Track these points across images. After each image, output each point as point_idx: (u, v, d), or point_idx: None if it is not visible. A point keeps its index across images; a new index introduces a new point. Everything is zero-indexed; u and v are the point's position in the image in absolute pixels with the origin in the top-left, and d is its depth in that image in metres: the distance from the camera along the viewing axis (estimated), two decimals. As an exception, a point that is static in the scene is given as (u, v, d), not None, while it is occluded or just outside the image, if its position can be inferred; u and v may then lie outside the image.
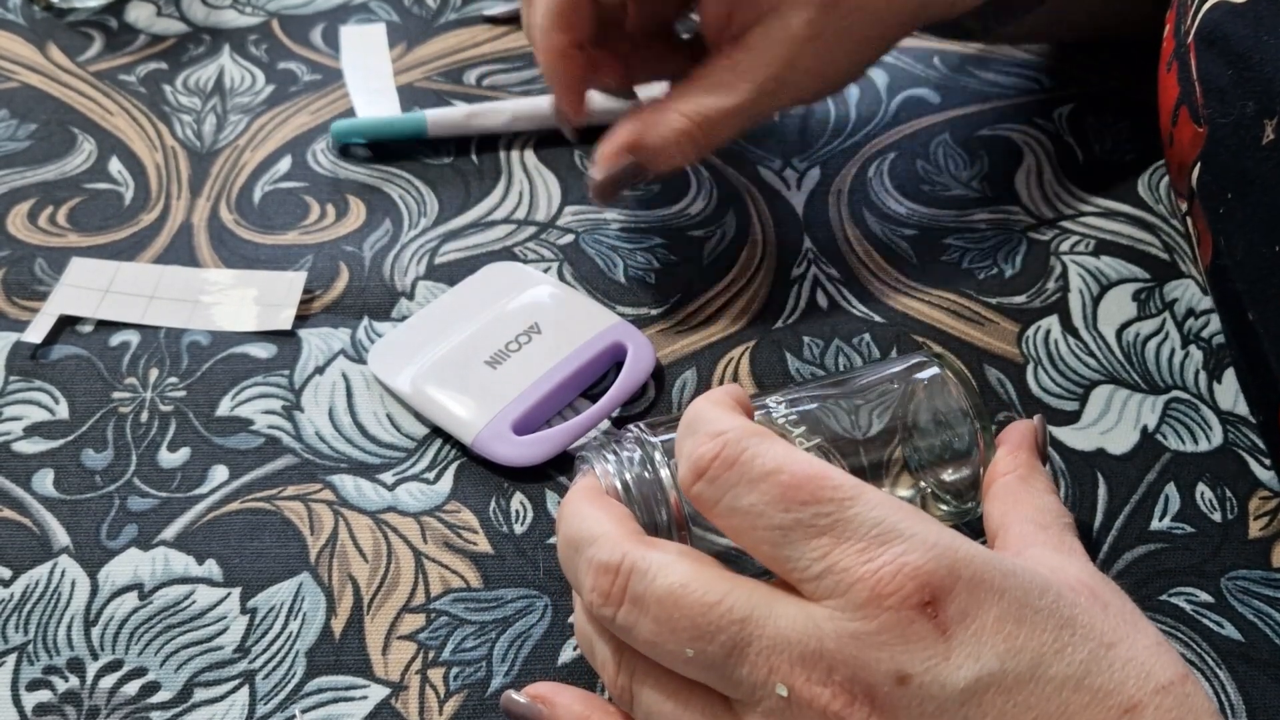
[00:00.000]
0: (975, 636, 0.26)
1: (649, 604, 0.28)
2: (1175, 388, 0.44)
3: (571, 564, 0.31)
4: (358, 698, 0.35)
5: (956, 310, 0.47)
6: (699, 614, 0.28)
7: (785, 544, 0.27)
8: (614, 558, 0.29)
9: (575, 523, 0.31)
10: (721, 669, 0.28)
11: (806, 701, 0.27)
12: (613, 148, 0.44)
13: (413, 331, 0.45)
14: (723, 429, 0.29)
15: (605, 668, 0.31)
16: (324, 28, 0.62)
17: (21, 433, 0.42)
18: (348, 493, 0.41)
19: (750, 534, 0.28)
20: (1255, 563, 0.39)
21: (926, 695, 0.26)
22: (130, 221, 0.51)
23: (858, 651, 0.26)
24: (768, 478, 0.28)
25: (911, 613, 0.26)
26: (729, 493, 0.28)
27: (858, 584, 0.26)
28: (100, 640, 0.36)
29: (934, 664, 0.26)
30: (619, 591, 0.29)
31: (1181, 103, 0.41)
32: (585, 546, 0.30)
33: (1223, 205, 0.38)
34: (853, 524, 0.27)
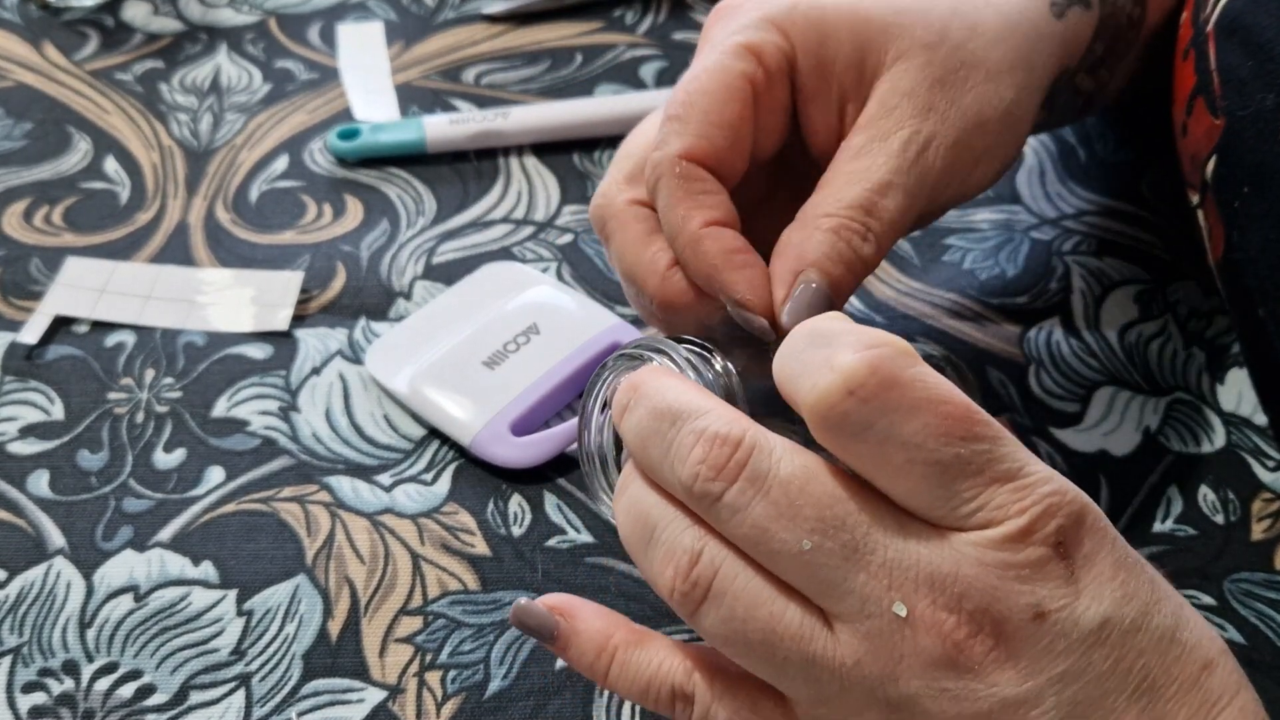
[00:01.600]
0: (1096, 580, 0.26)
1: (771, 484, 0.26)
2: (1177, 389, 0.44)
3: (663, 435, 0.28)
4: (354, 701, 0.35)
5: (958, 311, 0.47)
6: (826, 505, 0.26)
7: (940, 479, 0.25)
8: (735, 430, 0.27)
9: (672, 394, 0.28)
10: (836, 571, 0.26)
11: (927, 626, 0.25)
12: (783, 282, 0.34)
13: (410, 332, 0.45)
14: (875, 341, 0.26)
15: (676, 561, 0.27)
16: (321, 26, 0.62)
17: (16, 433, 0.42)
18: (345, 494, 0.40)
19: (900, 466, 0.26)
20: (1258, 565, 0.39)
21: (1058, 633, 0.25)
22: (126, 221, 0.51)
23: (998, 581, 0.25)
24: (933, 406, 0.25)
25: (1049, 550, 0.25)
26: (886, 417, 0.25)
27: (1010, 520, 0.25)
28: (95, 642, 0.36)
29: (1067, 602, 0.25)
30: (736, 466, 0.26)
31: (1197, 93, 0.40)
32: (691, 417, 0.27)
33: (1238, 199, 0.38)
34: (1004, 462, 0.26)
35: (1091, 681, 0.25)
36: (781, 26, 0.36)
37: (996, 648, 0.25)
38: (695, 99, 0.35)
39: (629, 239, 0.36)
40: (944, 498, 0.26)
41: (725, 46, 0.35)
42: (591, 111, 0.55)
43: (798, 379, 0.26)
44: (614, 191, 0.37)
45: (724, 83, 0.35)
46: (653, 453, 0.28)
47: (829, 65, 0.36)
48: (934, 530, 0.26)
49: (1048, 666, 0.25)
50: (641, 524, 0.29)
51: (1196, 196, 0.41)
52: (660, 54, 0.61)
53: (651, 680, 0.30)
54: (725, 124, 0.35)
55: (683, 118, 0.35)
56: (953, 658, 0.25)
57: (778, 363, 0.28)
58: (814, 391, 0.26)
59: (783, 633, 0.26)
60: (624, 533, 0.29)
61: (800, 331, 0.27)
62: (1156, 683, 0.26)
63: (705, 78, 0.35)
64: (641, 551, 0.29)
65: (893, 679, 0.26)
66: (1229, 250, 0.39)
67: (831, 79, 0.36)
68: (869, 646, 0.26)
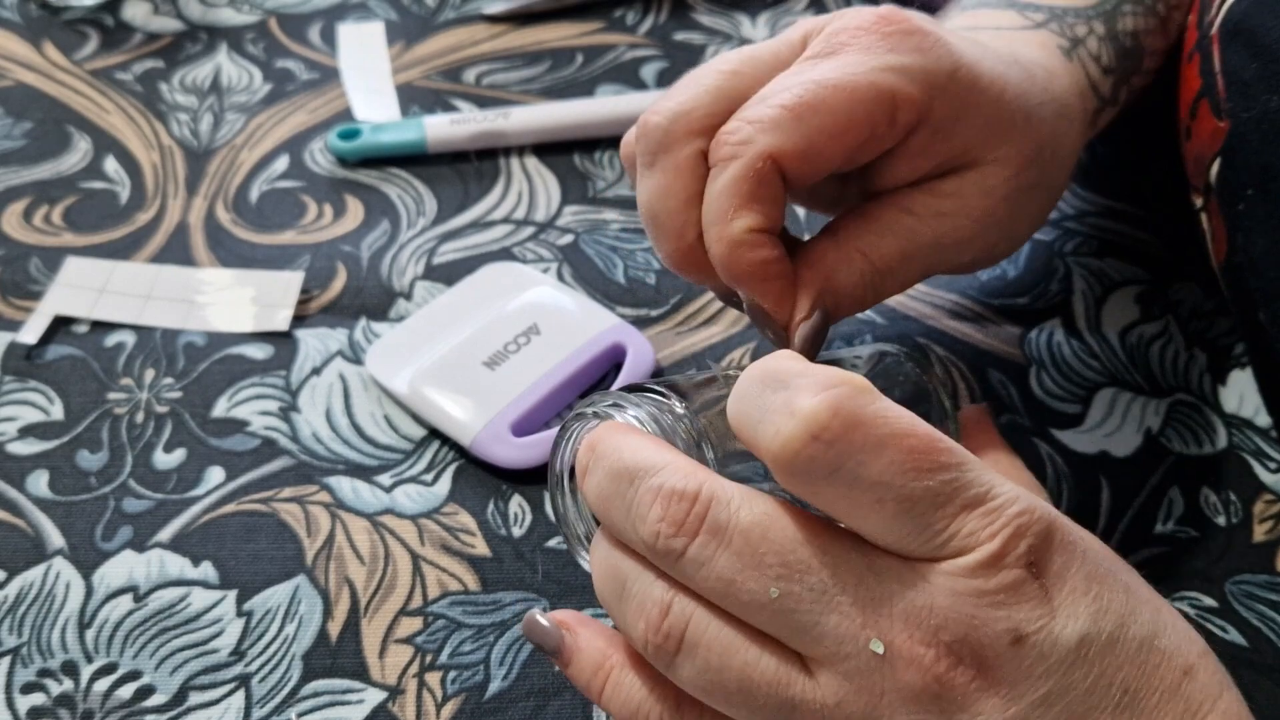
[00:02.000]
0: (1070, 596, 0.26)
1: (732, 535, 0.26)
2: (1179, 390, 0.44)
3: (623, 496, 0.28)
4: (354, 701, 0.35)
5: (958, 312, 0.47)
6: (789, 550, 0.26)
7: (910, 514, 0.25)
8: (690, 485, 0.27)
9: (628, 452, 0.28)
10: (807, 615, 0.25)
11: (906, 661, 0.25)
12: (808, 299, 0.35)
13: (410, 332, 0.45)
14: (833, 381, 0.25)
15: (647, 614, 0.28)
16: (322, 26, 0.62)
17: (16, 434, 0.42)
18: (345, 495, 0.40)
19: (869, 505, 0.25)
20: (1260, 567, 0.39)
21: (1038, 655, 0.25)
22: (126, 221, 0.51)
23: (973, 610, 0.25)
24: (898, 441, 0.25)
25: (1022, 572, 0.25)
26: (853, 459, 0.25)
27: (982, 545, 0.25)
28: (95, 643, 0.36)
29: (1044, 623, 0.25)
30: (695, 520, 0.26)
31: (1202, 96, 0.40)
32: (648, 474, 0.27)
33: (1243, 201, 0.38)
34: (971, 488, 0.25)
35: (1075, 700, 0.25)
36: (931, 90, 0.34)
37: (978, 677, 0.25)
38: (818, 109, 0.33)
39: (671, 189, 0.35)
40: (915, 531, 0.25)
41: (873, 82, 0.33)
42: (592, 112, 0.55)
43: (757, 426, 0.26)
44: (683, 124, 0.35)
45: (849, 112, 0.33)
46: (615, 515, 0.28)
47: (948, 137, 0.35)
48: (904, 563, 0.26)
49: (1030, 690, 0.25)
50: (613, 580, 0.29)
51: (1200, 200, 0.41)
52: (661, 54, 0.61)
53: (640, 705, 0.29)
54: (826, 147, 0.33)
55: (796, 118, 0.33)
56: (935, 691, 0.25)
57: (733, 408, 0.27)
58: (777, 439, 0.25)
59: (759, 680, 0.26)
60: (598, 589, 0.29)
61: (752, 375, 0.27)
62: (1138, 694, 0.26)
63: (840, 97, 0.33)
64: (615, 606, 0.29)
65: (876, 717, 0.25)
66: (1232, 253, 0.39)
67: (941, 148, 0.36)
68: (849, 686, 0.25)
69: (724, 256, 0.34)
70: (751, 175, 0.33)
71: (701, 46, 0.61)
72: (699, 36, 0.62)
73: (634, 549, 0.28)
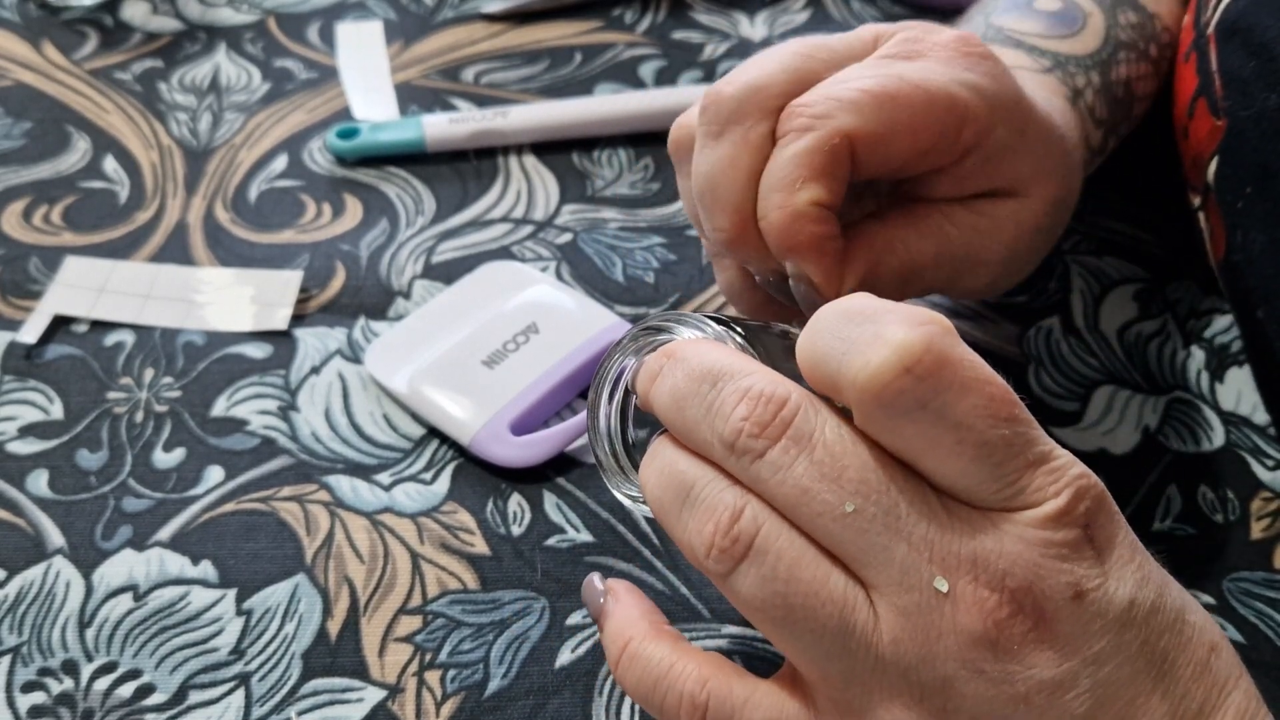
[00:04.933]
0: (1119, 562, 0.26)
1: (816, 444, 0.26)
2: (1177, 388, 0.44)
3: (703, 396, 0.27)
4: (354, 700, 0.35)
5: (957, 310, 0.47)
6: (871, 469, 0.25)
7: (987, 460, 0.25)
8: (780, 390, 0.26)
9: (712, 356, 0.28)
10: (879, 538, 0.25)
11: (968, 603, 0.25)
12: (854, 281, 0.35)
13: (409, 331, 0.45)
14: (924, 318, 0.25)
15: (717, 517, 0.27)
16: (320, 25, 0.62)
17: (16, 433, 0.42)
18: (344, 493, 0.40)
19: (950, 447, 0.25)
20: (1257, 564, 0.39)
21: (1095, 613, 0.25)
22: (125, 220, 0.51)
23: (1041, 560, 0.25)
24: (980, 386, 0.25)
25: (1081, 532, 0.25)
26: (940, 396, 0.25)
27: (1049, 500, 0.25)
28: (95, 642, 0.36)
29: (1100, 582, 0.25)
30: (781, 425, 0.26)
31: (1199, 95, 0.40)
32: (735, 377, 0.27)
33: (1241, 199, 0.38)
34: (1038, 445, 0.26)
35: (1124, 662, 0.25)
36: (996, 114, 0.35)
37: (1036, 628, 0.25)
38: (898, 100, 0.33)
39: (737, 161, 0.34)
40: (990, 478, 0.25)
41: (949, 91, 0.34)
42: (590, 111, 0.55)
43: (843, 357, 0.25)
44: (758, 99, 0.34)
45: (928, 113, 0.34)
46: (690, 413, 0.28)
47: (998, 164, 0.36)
48: (975, 510, 0.26)
49: (1084, 647, 0.25)
50: (676, 486, 0.28)
51: (1198, 199, 0.41)
52: (659, 53, 0.61)
53: (660, 680, 0.29)
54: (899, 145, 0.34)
55: (878, 104, 0.33)
56: (993, 638, 0.25)
57: (807, 342, 0.27)
58: (866, 369, 0.25)
59: (825, 597, 0.26)
60: (654, 496, 0.29)
61: (834, 310, 0.26)
62: (1176, 663, 0.26)
63: (919, 95, 0.34)
64: (675, 514, 0.28)
65: (929, 660, 0.25)
66: (1230, 251, 0.39)
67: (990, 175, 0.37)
68: (907, 624, 0.25)
69: (784, 225, 0.33)
70: (827, 149, 0.33)
71: (700, 45, 0.61)
72: (697, 35, 0.62)
73: (705, 454, 0.28)
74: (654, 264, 0.49)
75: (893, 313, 0.26)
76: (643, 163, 0.54)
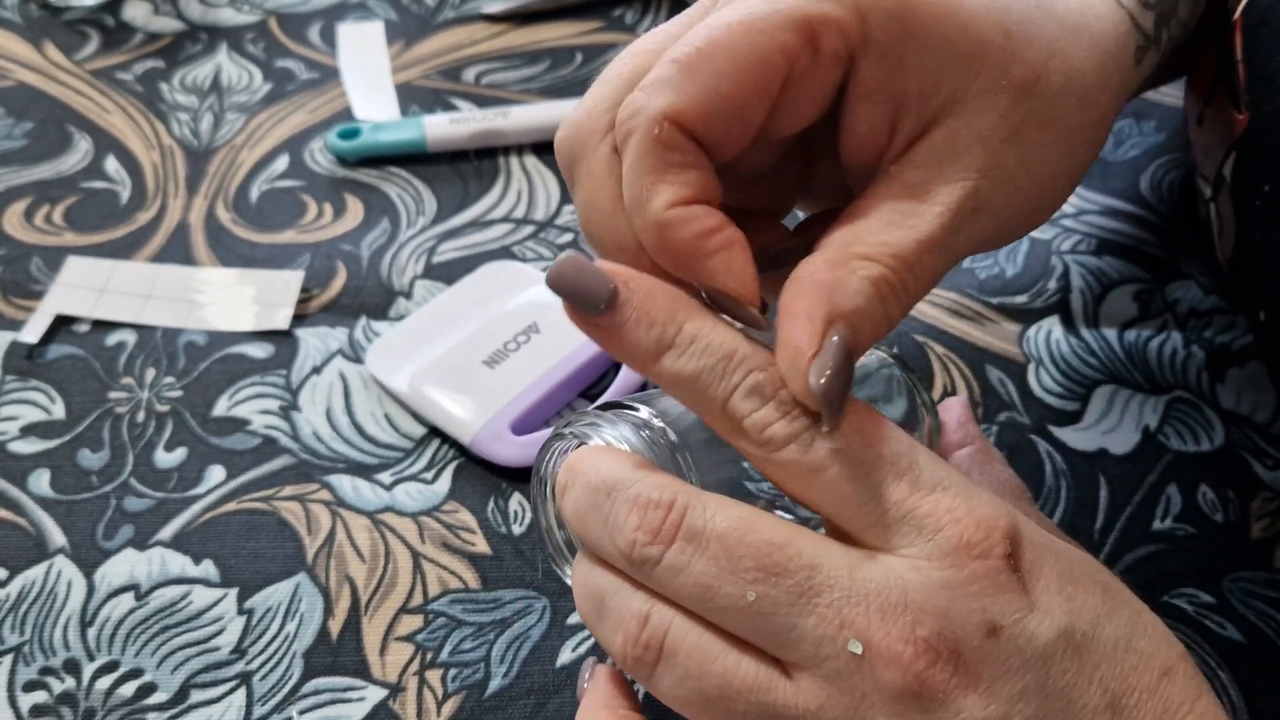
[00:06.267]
0: (1046, 592, 0.26)
1: (708, 539, 0.26)
2: (1177, 388, 0.44)
3: (600, 509, 0.28)
4: (355, 699, 0.35)
5: (957, 310, 0.47)
6: (765, 553, 0.26)
7: (863, 483, 0.26)
8: (665, 494, 0.27)
9: (603, 467, 0.28)
10: (786, 619, 0.25)
11: (885, 660, 0.25)
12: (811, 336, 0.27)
13: (410, 331, 0.45)
14: None
15: (625, 627, 0.27)
16: (321, 26, 0.62)
17: (17, 432, 0.42)
18: (345, 493, 0.40)
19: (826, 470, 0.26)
20: (1257, 564, 0.39)
21: (1014, 649, 0.25)
22: (127, 220, 0.51)
23: (947, 602, 0.25)
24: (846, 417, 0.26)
25: (998, 562, 0.25)
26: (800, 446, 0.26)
27: (944, 530, 0.25)
28: (96, 641, 0.36)
29: (1020, 616, 0.25)
30: (671, 527, 0.26)
31: (1219, 83, 0.39)
32: (624, 486, 0.27)
33: (1259, 197, 0.37)
34: (924, 474, 0.26)
35: (1053, 696, 0.25)
36: (861, 10, 0.28)
37: (957, 672, 0.25)
38: (713, 52, 0.28)
39: (594, 199, 0.29)
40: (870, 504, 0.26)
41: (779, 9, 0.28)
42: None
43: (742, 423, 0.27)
44: (590, 125, 0.29)
45: (755, 47, 0.28)
46: (593, 529, 0.28)
47: (901, 68, 0.29)
48: (880, 559, 0.26)
49: (1007, 685, 0.25)
50: (592, 598, 0.28)
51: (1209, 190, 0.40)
52: (660, 53, 0.61)
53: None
54: (736, 95, 0.28)
55: (688, 69, 0.28)
56: (915, 690, 0.25)
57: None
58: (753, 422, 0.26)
59: (739, 686, 0.26)
60: (579, 608, 0.29)
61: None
62: (1117, 693, 0.26)
63: (736, 32, 0.28)
64: (595, 623, 0.29)
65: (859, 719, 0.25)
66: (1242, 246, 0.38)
67: (898, 83, 0.29)
68: (830, 689, 0.25)
69: (655, 244, 0.28)
70: (651, 144, 0.28)
71: (701, 45, 0.61)
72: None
73: (612, 563, 0.28)
74: (655, 264, 0.49)
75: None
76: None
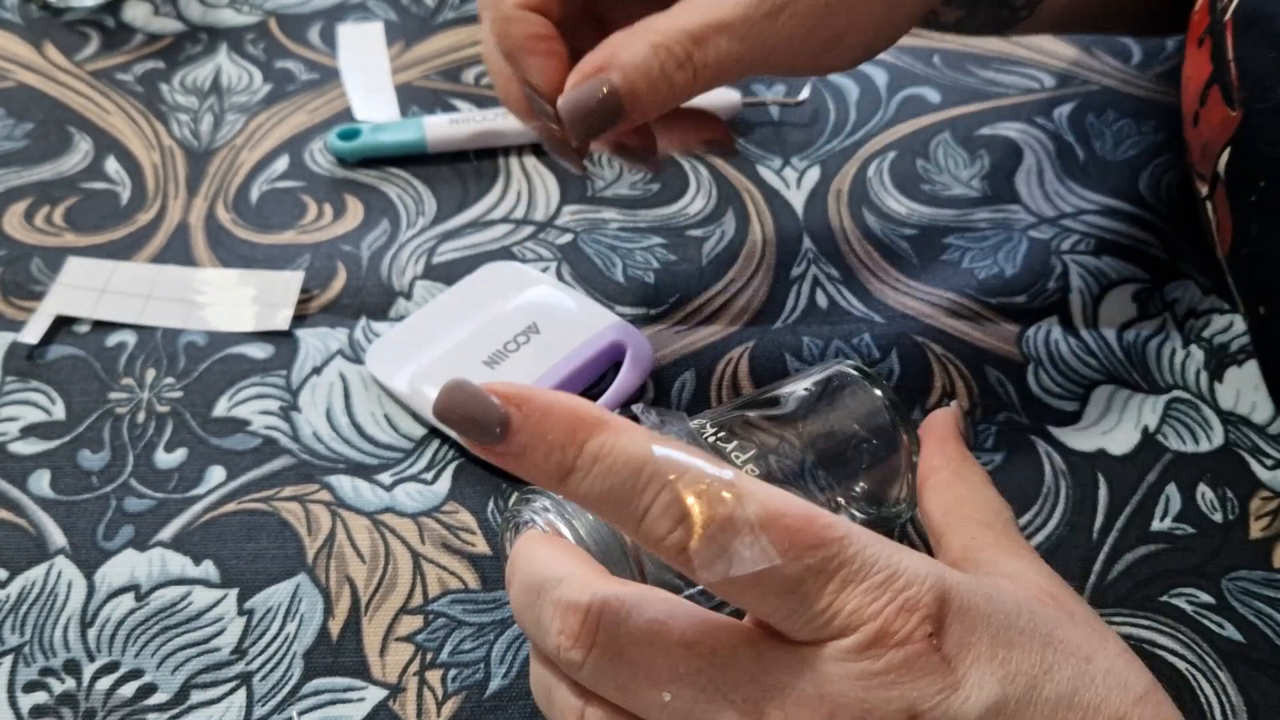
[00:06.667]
0: (974, 665, 0.25)
1: (623, 644, 0.26)
2: (1176, 388, 0.44)
3: (533, 610, 0.28)
4: (355, 699, 0.35)
5: (956, 310, 0.47)
6: (679, 655, 0.26)
7: (791, 594, 0.25)
8: (582, 597, 0.27)
9: (534, 565, 0.29)
10: (704, 715, 0.26)
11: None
12: (580, 73, 0.34)
13: (410, 331, 0.45)
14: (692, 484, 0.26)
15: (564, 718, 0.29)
16: (321, 26, 0.62)
17: (18, 433, 0.42)
18: (345, 493, 0.40)
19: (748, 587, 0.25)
20: (1256, 563, 0.39)
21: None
22: (127, 221, 0.51)
23: (865, 693, 0.25)
24: (768, 525, 0.25)
25: (918, 646, 0.25)
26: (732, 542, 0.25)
27: (866, 624, 0.25)
28: (97, 642, 0.36)
29: (944, 698, 0.25)
30: (589, 633, 0.27)
31: (1212, 82, 0.40)
32: (549, 588, 0.28)
33: (1254, 193, 0.37)
34: (854, 563, 0.25)
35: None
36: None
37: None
38: None
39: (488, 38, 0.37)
40: (801, 610, 0.25)
41: None
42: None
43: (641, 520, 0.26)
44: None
45: None
46: (529, 628, 0.29)
47: None
48: (795, 650, 0.26)
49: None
50: (541, 691, 0.30)
51: (1206, 188, 0.41)
52: (660, 54, 0.61)
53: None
54: None
55: None
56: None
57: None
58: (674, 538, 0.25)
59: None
60: (537, 699, 0.30)
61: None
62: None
63: None
64: (547, 714, 0.30)
65: None
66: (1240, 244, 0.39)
67: None
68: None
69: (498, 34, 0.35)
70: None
71: (700, 46, 0.61)
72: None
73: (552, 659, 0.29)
74: (654, 264, 0.49)
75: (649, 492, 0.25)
76: (643, 163, 0.54)
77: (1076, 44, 0.61)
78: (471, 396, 0.26)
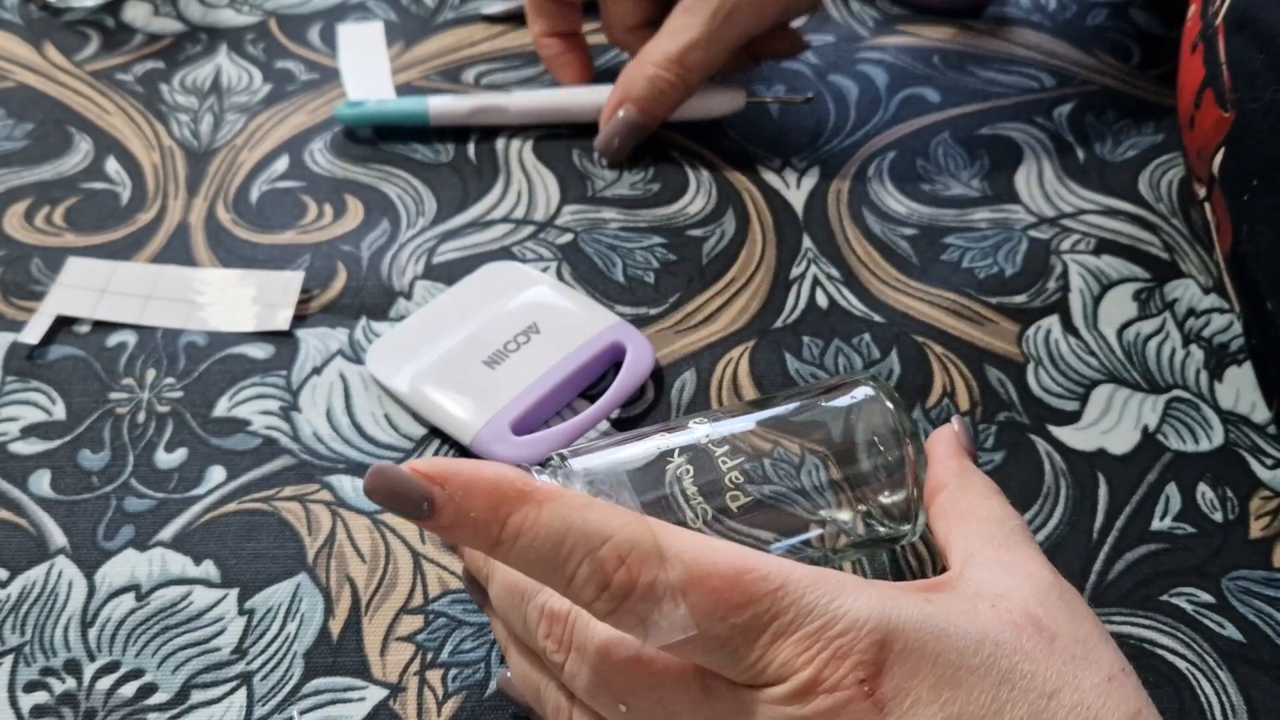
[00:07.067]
0: (912, 708, 0.25)
1: (590, 653, 0.28)
2: (1176, 387, 0.44)
3: (518, 611, 0.30)
4: (355, 699, 0.35)
5: (956, 310, 0.47)
6: (634, 673, 0.28)
7: (721, 650, 0.26)
8: (563, 605, 0.29)
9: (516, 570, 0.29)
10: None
11: None
12: (609, 108, 0.52)
13: (411, 332, 0.45)
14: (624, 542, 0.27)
15: (555, 716, 0.31)
16: (321, 26, 0.62)
17: (18, 433, 0.42)
18: (345, 493, 0.40)
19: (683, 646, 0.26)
20: (1256, 563, 0.39)
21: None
22: (127, 221, 0.51)
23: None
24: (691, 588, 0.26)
25: (848, 693, 0.25)
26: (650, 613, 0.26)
27: (798, 673, 0.25)
28: (97, 641, 0.36)
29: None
30: (567, 638, 0.29)
31: (1206, 85, 0.40)
32: (535, 593, 0.30)
33: (1248, 192, 0.38)
34: (786, 614, 0.26)
35: None
36: None
37: None
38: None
39: None
40: (731, 664, 0.26)
41: None
42: (593, 96, 0.55)
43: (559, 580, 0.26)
44: None
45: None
46: (515, 627, 0.31)
47: None
48: (736, 690, 0.27)
49: None
50: (529, 688, 0.32)
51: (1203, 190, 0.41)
52: (660, 54, 0.61)
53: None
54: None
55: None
56: None
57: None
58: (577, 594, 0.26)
59: None
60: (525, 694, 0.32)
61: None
62: None
63: None
64: (536, 706, 0.32)
65: None
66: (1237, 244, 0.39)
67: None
68: None
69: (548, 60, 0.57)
70: None
71: (700, 46, 0.61)
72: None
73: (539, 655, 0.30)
74: (654, 264, 0.49)
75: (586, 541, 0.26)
76: (643, 163, 0.54)
77: (1077, 44, 0.61)
78: (396, 478, 0.26)
